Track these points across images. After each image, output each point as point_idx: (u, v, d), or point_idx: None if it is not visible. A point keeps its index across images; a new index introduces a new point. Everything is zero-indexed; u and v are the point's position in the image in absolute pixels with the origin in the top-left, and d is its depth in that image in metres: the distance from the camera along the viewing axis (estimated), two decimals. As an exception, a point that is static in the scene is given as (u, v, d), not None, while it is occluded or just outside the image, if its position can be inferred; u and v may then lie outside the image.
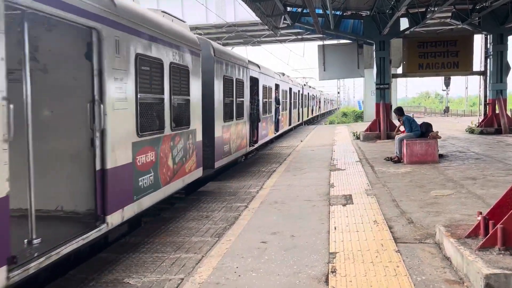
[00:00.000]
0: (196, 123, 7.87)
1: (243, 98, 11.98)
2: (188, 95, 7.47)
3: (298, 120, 28.38)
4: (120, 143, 5.06)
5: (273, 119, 17.53)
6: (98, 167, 4.72)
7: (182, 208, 7.51)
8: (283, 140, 20.15)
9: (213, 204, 7.68)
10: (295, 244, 5.30)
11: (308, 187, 8.80)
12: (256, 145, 14.02)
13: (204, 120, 8.43)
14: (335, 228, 5.83)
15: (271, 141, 18.57)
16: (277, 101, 18.23)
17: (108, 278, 4.51)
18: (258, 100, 13.92)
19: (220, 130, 9.81)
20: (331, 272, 4.36)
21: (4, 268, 3.32)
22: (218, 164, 9.66)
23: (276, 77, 18.30)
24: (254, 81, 13.79)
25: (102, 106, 4.68)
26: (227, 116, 10.45)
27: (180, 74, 7.10)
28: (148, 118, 5.87)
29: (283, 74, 21.32)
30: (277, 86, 18.46)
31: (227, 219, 6.65)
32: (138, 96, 5.52)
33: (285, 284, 4.16)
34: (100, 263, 4.98)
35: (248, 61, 12.98)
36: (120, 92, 5.08)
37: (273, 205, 7.37)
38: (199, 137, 8.07)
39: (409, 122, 11.64)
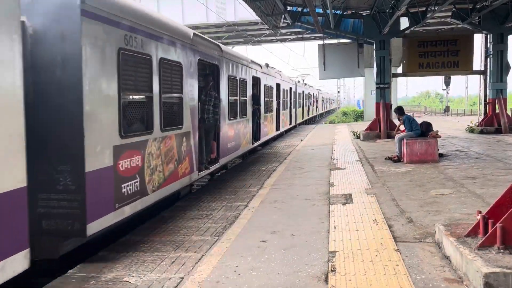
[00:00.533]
0: None
1: (181, 93, 7.29)
2: None
3: (290, 123, 23.86)
4: None
5: (250, 124, 12.96)
6: None
7: (182, 207, 7.52)
8: (283, 140, 20.15)
9: (213, 203, 7.69)
10: (295, 243, 5.30)
11: (308, 186, 8.80)
12: (214, 167, 9.42)
13: (50, 139, 4.60)
14: (335, 227, 5.84)
15: (251, 151, 14.27)
16: (256, 100, 13.76)
17: (108, 277, 4.52)
18: (218, 98, 9.27)
19: (107, 156, 5.05)
20: (331, 271, 4.37)
21: None
22: (100, 223, 4.91)
23: (254, 68, 13.62)
24: (211, 70, 9.55)
25: None
26: (133, 127, 5.79)
27: None
28: None
29: (267, 66, 16.94)
30: (256, 80, 13.93)
31: (227, 218, 6.65)
32: None
33: (285, 283, 4.17)
34: (100, 261, 4.99)
35: (195, 35, 8.04)
36: None
37: (273, 204, 7.37)
38: (9, 182, 3.53)
39: (410, 122, 11.64)
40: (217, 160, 9.53)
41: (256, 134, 14.01)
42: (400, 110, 12.12)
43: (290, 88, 23.25)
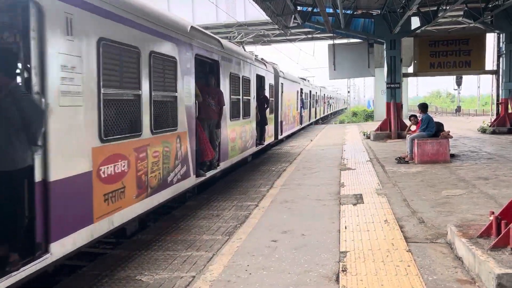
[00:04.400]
0: None
1: None
2: None
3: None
4: None
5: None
6: None
7: (192, 206, 7.56)
8: (293, 140, 20.14)
9: (223, 203, 7.72)
10: (306, 243, 5.31)
11: (318, 186, 8.80)
12: None
13: None
14: (345, 227, 5.83)
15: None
16: None
17: (121, 275, 4.57)
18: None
19: None
20: (342, 271, 4.37)
21: None
22: None
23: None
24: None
25: None
26: None
27: None
28: None
29: None
30: None
31: (237, 217, 6.68)
32: None
33: (295, 282, 4.18)
34: (112, 260, 5.04)
35: None
36: None
37: (283, 204, 7.38)
38: None
39: (428, 121, 11.52)
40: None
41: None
42: (424, 107, 11.96)
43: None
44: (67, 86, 4.10)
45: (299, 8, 18.41)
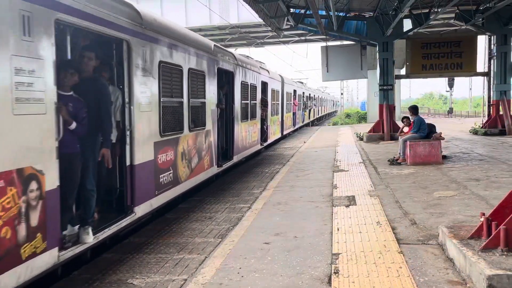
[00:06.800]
0: None
1: None
2: None
3: None
4: None
5: None
6: None
7: (185, 209, 7.54)
8: (286, 142, 20.16)
9: (216, 205, 7.70)
10: (298, 245, 5.31)
11: (311, 188, 8.80)
12: None
13: None
14: (338, 229, 5.84)
15: None
16: None
17: (112, 279, 4.55)
18: None
19: None
20: (334, 273, 4.37)
21: None
22: None
23: None
24: None
25: None
26: None
27: None
28: None
29: None
30: None
31: (230, 220, 6.67)
32: None
33: (288, 284, 4.17)
34: (104, 263, 5.02)
35: None
36: None
37: (276, 206, 7.38)
38: None
39: (420, 123, 11.60)
40: None
41: None
42: (414, 109, 12.09)
43: None
44: None
45: (292, 10, 18.43)
